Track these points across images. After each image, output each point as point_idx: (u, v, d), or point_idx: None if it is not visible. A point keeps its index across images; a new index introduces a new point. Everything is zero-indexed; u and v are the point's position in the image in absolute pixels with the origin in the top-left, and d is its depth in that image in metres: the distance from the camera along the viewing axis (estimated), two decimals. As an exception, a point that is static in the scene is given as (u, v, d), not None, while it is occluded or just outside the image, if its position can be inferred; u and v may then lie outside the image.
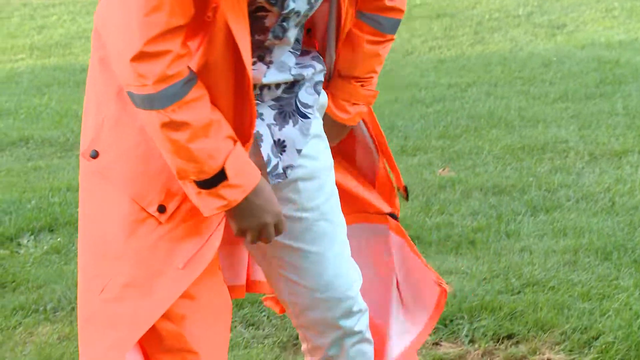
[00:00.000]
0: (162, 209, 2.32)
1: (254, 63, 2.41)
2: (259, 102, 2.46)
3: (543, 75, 8.66)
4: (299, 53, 2.50)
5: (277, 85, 2.48)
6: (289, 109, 2.50)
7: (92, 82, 2.44)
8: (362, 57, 2.64)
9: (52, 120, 8.20)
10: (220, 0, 2.22)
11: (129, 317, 2.30)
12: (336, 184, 2.61)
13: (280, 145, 2.48)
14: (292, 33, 2.45)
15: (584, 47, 9.91)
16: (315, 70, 2.54)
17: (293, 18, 2.40)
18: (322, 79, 2.58)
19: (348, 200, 2.69)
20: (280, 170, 2.48)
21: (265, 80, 2.44)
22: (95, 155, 2.37)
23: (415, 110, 7.69)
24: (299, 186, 2.52)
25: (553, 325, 3.79)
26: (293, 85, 2.49)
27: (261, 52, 2.43)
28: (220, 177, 2.26)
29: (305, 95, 2.52)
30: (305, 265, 2.52)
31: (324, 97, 2.62)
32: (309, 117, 2.51)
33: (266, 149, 2.45)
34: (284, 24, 2.40)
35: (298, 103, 2.50)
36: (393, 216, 2.77)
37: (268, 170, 2.45)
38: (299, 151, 2.49)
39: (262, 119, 2.46)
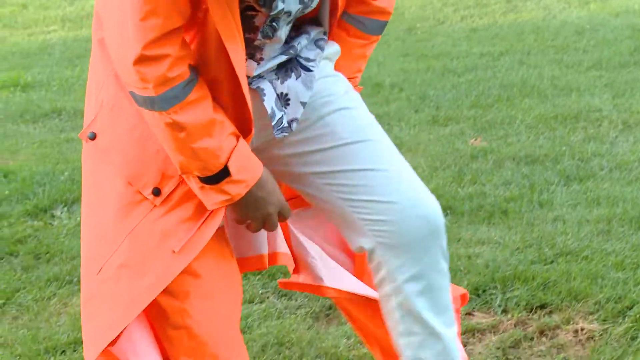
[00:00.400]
0: (156, 192, 2.32)
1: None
2: (257, 78, 2.46)
3: (576, 44, 8.60)
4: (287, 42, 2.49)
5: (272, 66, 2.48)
6: (290, 65, 2.48)
7: (93, 63, 2.46)
8: (350, 60, 2.63)
9: (84, 92, 8.23)
10: (209, 2, 2.21)
11: (125, 297, 2.31)
12: None
13: (283, 99, 2.46)
14: (284, 31, 2.42)
15: (618, 15, 9.82)
16: (309, 37, 2.51)
17: (283, 18, 2.37)
18: (323, 37, 2.53)
19: None
20: (285, 123, 2.46)
21: (256, 73, 2.44)
22: (93, 137, 2.39)
23: (447, 79, 7.65)
24: (327, 120, 2.50)
25: (586, 295, 3.78)
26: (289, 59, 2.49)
27: (252, 51, 2.41)
28: (223, 173, 2.28)
29: (306, 52, 2.50)
30: (374, 182, 2.48)
31: (333, 47, 2.59)
32: (311, 70, 2.48)
33: (269, 102, 2.43)
34: (274, 24, 2.37)
35: (300, 59, 2.49)
36: None
37: (273, 123, 2.43)
38: (303, 104, 2.47)
39: (263, 78, 2.45)
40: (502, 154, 5.66)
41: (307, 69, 2.47)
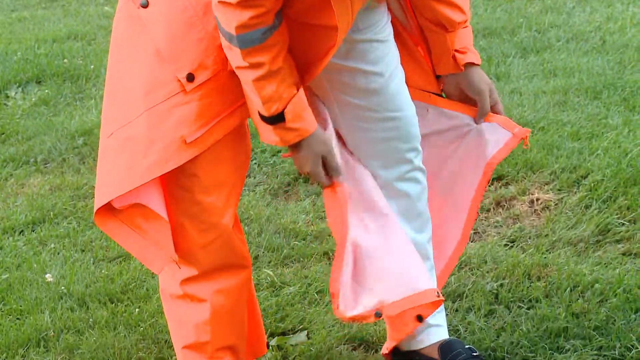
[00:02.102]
0: (190, 77, 2.35)
1: None
2: None
3: None
4: None
5: None
6: None
7: None
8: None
9: (35, -30, 8.07)
10: None
11: (123, 169, 2.34)
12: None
13: None
14: None
15: None
16: None
17: None
18: None
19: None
20: None
21: None
22: (145, 4, 2.39)
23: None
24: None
25: (542, 166, 3.81)
26: None
27: None
28: (279, 118, 2.35)
29: None
30: (370, 86, 2.53)
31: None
32: None
33: None
34: None
35: None
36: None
37: None
38: None
39: None
40: (459, 27, 5.63)
41: None
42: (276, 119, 2.35)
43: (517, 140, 2.63)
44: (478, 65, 2.65)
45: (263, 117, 2.36)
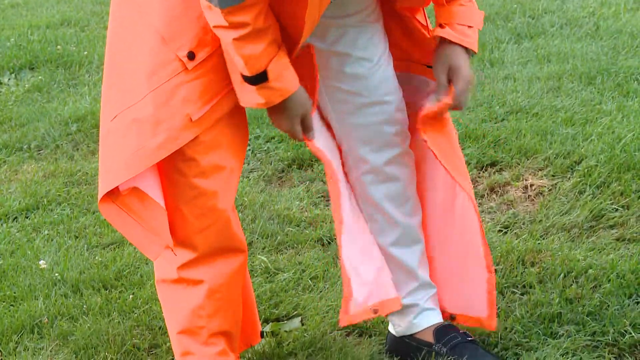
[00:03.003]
0: (191, 55, 2.35)
1: None
2: None
3: None
4: None
5: None
6: None
7: None
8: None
9: (28, -44, 8.05)
10: None
11: (129, 152, 2.34)
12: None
13: None
14: None
15: None
16: None
17: None
18: None
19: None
20: None
21: None
22: None
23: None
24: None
25: (536, 152, 3.81)
26: None
27: None
28: (262, 77, 2.33)
29: None
30: (358, 71, 2.55)
31: None
32: None
33: None
34: None
35: None
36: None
37: None
38: None
39: None
40: (453, 13, 5.62)
41: None
42: (259, 79, 2.33)
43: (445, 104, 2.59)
44: (460, 45, 2.55)
45: (246, 78, 2.34)
